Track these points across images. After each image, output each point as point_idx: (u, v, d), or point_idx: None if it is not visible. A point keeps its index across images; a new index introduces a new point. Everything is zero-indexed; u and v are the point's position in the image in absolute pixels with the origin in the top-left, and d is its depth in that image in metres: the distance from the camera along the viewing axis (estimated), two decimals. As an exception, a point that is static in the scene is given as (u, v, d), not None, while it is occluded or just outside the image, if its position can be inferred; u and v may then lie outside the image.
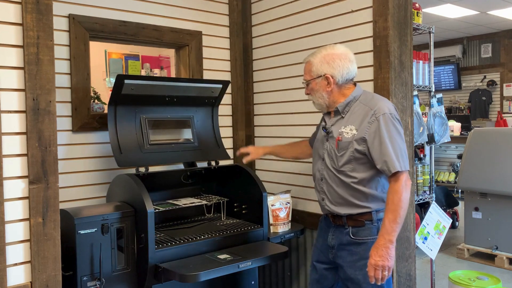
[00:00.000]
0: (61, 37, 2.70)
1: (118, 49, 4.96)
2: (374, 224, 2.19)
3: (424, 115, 3.51)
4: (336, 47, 2.26)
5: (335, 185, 2.24)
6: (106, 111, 2.94)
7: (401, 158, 2.09)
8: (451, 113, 10.10)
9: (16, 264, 1.93)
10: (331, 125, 2.29)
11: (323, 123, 2.37)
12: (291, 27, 3.23)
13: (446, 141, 3.48)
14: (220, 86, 3.03)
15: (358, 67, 2.32)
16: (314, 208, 3.10)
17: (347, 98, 2.24)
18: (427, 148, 3.46)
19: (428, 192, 3.39)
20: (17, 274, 1.93)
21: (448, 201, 5.87)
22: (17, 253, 1.93)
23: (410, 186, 2.13)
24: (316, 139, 2.41)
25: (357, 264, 2.20)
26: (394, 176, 2.09)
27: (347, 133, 2.19)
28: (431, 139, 3.36)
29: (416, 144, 3.19)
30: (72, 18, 2.75)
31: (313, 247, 2.49)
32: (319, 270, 2.40)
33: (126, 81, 2.59)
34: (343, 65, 2.21)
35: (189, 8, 3.30)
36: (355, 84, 2.30)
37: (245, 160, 2.77)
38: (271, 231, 2.96)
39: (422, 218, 3.26)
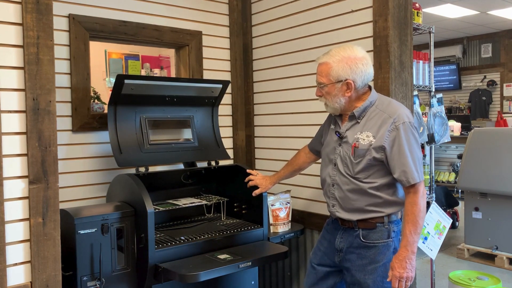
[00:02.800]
0: (61, 37, 2.70)
1: (118, 49, 4.96)
2: (385, 226, 2.17)
3: (424, 115, 3.51)
4: (356, 49, 2.14)
5: (348, 190, 2.19)
6: (106, 111, 2.94)
7: (419, 169, 2.09)
8: (451, 113, 10.11)
9: (16, 264, 1.93)
10: (346, 130, 2.21)
11: (332, 126, 2.30)
12: (291, 27, 3.23)
13: (446, 141, 3.48)
14: (220, 86, 3.03)
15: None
16: (314, 208, 3.10)
17: (364, 103, 2.17)
18: (427, 148, 3.46)
19: (428, 192, 3.39)
20: (17, 274, 1.93)
21: (448, 201, 5.86)
22: (17, 253, 1.93)
23: (426, 194, 2.13)
24: (326, 143, 2.34)
25: (367, 268, 2.17)
26: (413, 187, 2.07)
27: (364, 139, 2.14)
28: (431, 139, 3.36)
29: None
30: (72, 18, 2.75)
31: (315, 250, 2.43)
32: (320, 273, 2.35)
33: (126, 81, 2.59)
34: (365, 70, 2.13)
35: (189, 8, 3.30)
36: (369, 87, 2.23)
37: (254, 193, 2.76)
38: (271, 231, 2.95)
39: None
